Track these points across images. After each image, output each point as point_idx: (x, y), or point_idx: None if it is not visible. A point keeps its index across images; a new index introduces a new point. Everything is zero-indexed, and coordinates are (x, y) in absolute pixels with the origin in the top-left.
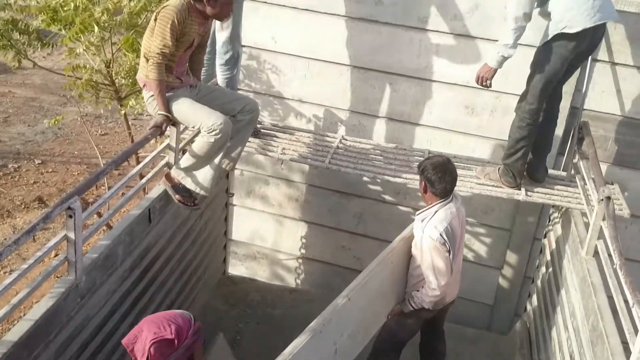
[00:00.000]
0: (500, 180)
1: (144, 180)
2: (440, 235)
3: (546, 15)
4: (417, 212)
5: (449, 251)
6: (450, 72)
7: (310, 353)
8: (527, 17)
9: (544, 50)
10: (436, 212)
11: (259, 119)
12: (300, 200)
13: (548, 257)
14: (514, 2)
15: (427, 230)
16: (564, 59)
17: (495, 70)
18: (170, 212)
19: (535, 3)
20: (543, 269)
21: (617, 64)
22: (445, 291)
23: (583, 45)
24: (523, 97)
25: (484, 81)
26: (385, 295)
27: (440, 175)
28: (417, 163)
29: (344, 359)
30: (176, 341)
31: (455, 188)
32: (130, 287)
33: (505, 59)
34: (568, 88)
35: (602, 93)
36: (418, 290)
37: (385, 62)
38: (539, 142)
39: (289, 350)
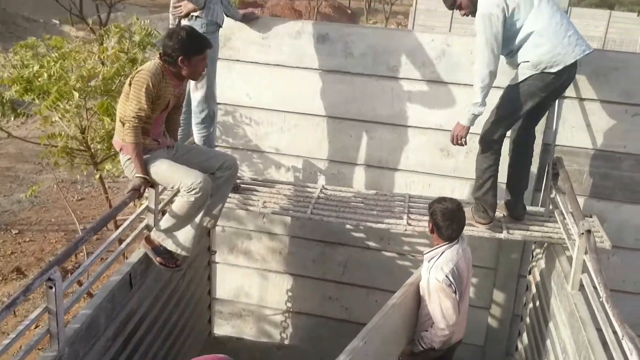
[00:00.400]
0: (474, 219)
1: (123, 245)
2: (447, 277)
3: (515, 64)
4: (425, 252)
5: (455, 292)
6: (423, 117)
7: None
8: (493, 75)
9: (517, 87)
10: (443, 252)
11: (238, 174)
12: (284, 252)
13: (535, 294)
14: (480, 61)
15: (434, 272)
16: (536, 96)
17: (469, 128)
18: (152, 275)
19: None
20: (531, 306)
21: (584, 99)
22: (453, 331)
23: (559, 82)
24: (487, 127)
25: (459, 139)
26: (398, 336)
27: (448, 223)
28: (399, 208)
29: None
30: None
31: None
32: (115, 355)
33: (476, 116)
34: (539, 126)
35: (572, 128)
36: (427, 331)
37: (360, 110)
38: (515, 180)
39: None
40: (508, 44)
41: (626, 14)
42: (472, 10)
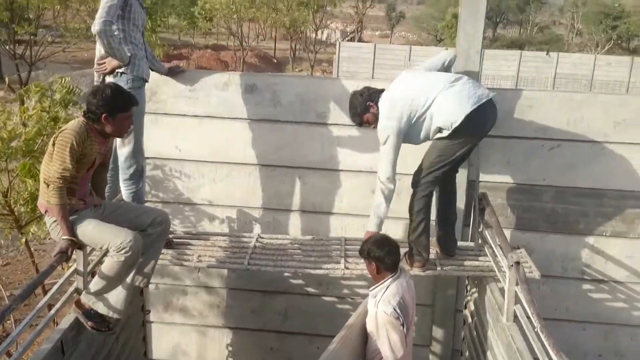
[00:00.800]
0: (411, 265)
1: (53, 311)
2: (394, 309)
3: (427, 137)
4: (370, 289)
5: (403, 325)
6: (354, 160)
7: None
8: (392, 180)
9: (442, 141)
10: (388, 287)
11: (170, 229)
12: (222, 306)
13: (472, 328)
14: (379, 168)
15: (381, 305)
16: (464, 144)
17: (379, 232)
18: (84, 340)
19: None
20: (469, 340)
21: (503, 136)
22: None
23: (475, 130)
24: (420, 171)
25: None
26: None
27: (387, 250)
28: (336, 252)
29: None
30: None
31: None
32: None
33: (382, 219)
34: (462, 164)
35: (493, 165)
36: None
37: (291, 157)
38: (444, 217)
39: None
40: (420, 132)
41: (536, 53)
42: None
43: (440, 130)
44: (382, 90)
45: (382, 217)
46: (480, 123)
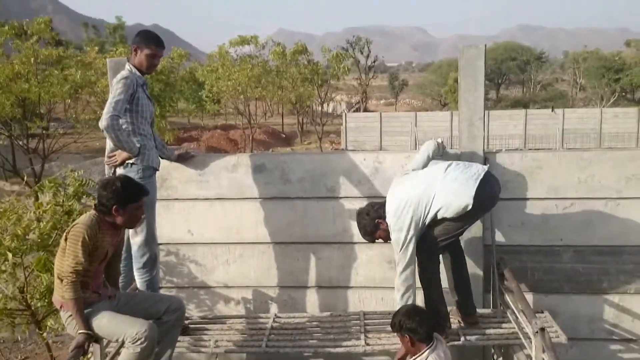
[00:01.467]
0: None
1: None
2: None
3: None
4: None
5: None
6: None
7: None
8: (410, 284)
9: (453, 221)
10: (427, 357)
11: (186, 315)
12: None
13: None
14: (397, 273)
15: None
16: (472, 219)
17: None
18: None
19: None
20: None
21: (514, 199)
22: None
23: (483, 205)
24: (425, 240)
25: None
26: None
27: (418, 320)
28: (355, 327)
29: None
30: None
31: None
32: None
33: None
34: (477, 228)
35: (508, 227)
36: None
37: (304, 233)
38: (457, 280)
39: None
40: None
41: (541, 110)
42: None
43: (451, 218)
44: (384, 202)
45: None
46: (489, 197)
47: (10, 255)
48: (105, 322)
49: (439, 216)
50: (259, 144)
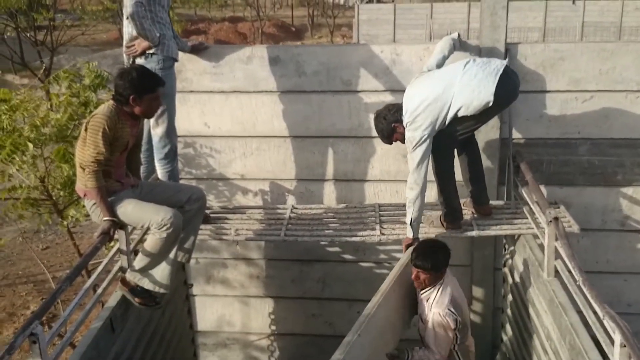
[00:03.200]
0: (444, 226)
1: (99, 291)
2: (449, 309)
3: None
4: (421, 292)
5: (457, 323)
6: None
7: None
8: (419, 185)
9: (473, 118)
10: (439, 289)
11: (207, 205)
12: (261, 276)
13: (512, 285)
14: (409, 174)
15: (435, 307)
16: (491, 114)
17: (417, 238)
18: (132, 316)
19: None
20: (510, 298)
21: (534, 91)
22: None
23: (504, 100)
24: (441, 135)
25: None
26: (392, 322)
27: (437, 257)
28: (371, 218)
29: None
30: None
31: None
32: None
33: (417, 224)
34: (494, 121)
35: (526, 121)
36: (421, 349)
37: (320, 127)
38: (472, 171)
39: None
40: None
41: (562, 2)
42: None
43: (472, 116)
44: (401, 105)
45: (414, 222)
46: (509, 92)
47: (30, 145)
48: (131, 209)
49: (459, 115)
50: (268, 37)
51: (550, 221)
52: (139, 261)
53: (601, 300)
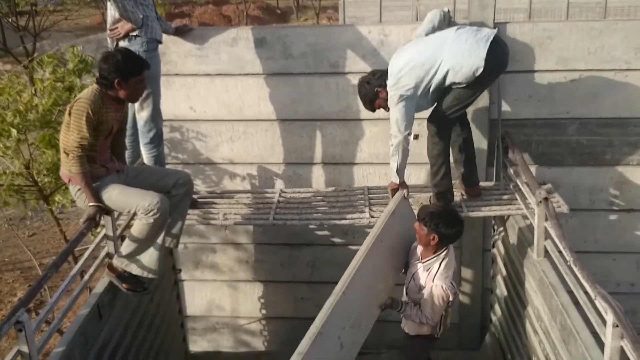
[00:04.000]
0: None
1: (87, 277)
2: (452, 284)
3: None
4: (422, 260)
5: (456, 294)
6: None
7: (316, 354)
8: (398, 136)
9: (464, 88)
10: (442, 259)
11: (194, 189)
12: (250, 261)
13: (501, 266)
14: (393, 135)
15: (438, 280)
16: (483, 85)
17: (403, 182)
18: (120, 303)
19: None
20: (499, 278)
21: (522, 71)
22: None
23: (490, 73)
24: (435, 115)
25: (394, 193)
26: (383, 274)
27: (458, 228)
28: (360, 201)
29: (351, 349)
30: None
31: None
32: None
33: (401, 170)
34: (483, 102)
35: (515, 101)
36: (415, 306)
37: (308, 110)
38: (463, 153)
39: (294, 359)
40: (433, 98)
41: None
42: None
43: (459, 84)
44: (386, 71)
45: (399, 168)
46: (499, 60)
47: (14, 131)
48: (116, 195)
49: (448, 81)
50: (253, 20)
51: (540, 202)
52: (126, 247)
53: (592, 280)
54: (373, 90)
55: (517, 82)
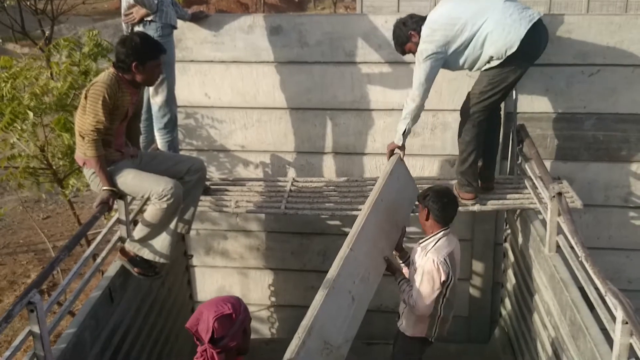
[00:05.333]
0: (459, 196)
1: (99, 260)
2: (444, 259)
3: (484, 65)
4: (420, 241)
5: (449, 277)
6: (385, 98)
7: (329, 308)
8: (416, 100)
9: (496, 69)
10: (439, 239)
11: (207, 176)
12: (261, 248)
13: (512, 260)
14: (411, 95)
15: (431, 254)
16: (519, 69)
17: (404, 145)
18: (132, 286)
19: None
20: (510, 272)
21: (540, 64)
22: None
23: (526, 55)
24: (469, 100)
25: (391, 154)
26: (385, 231)
27: (444, 202)
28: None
29: (362, 302)
30: (234, 315)
31: None
32: None
33: (407, 132)
34: None
35: (532, 95)
36: (409, 284)
37: (321, 99)
38: (487, 146)
39: (310, 313)
40: (462, 59)
41: None
42: None
43: (491, 59)
44: (426, 18)
45: (406, 132)
46: (535, 45)
47: (30, 114)
48: (131, 179)
49: (482, 49)
50: (270, 8)
51: (554, 196)
52: (139, 231)
53: (603, 276)
54: (407, 33)
55: (534, 75)
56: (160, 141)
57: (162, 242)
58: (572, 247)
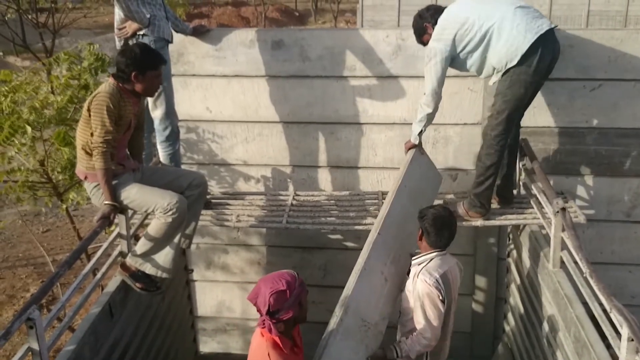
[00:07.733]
0: (468, 214)
1: (99, 275)
2: (436, 280)
3: (489, 74)
4: (414, 258)
5: (444, 300)
6: (385, 112)
7: (363, 288)
8: (429, 102)
9: (505, 80)
10: (432, 259)
11: (208, 190)
12: (262, 263)
13: (516, 276)
14: (429, 87)
15: (422, 275)
16: (527, 84)
17: (420, 142)
18: (132, 302)
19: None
20: (513, 288)
21: None
22: (436, 345)
23: (534, 68)
24: (489, 122)
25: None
26: (412, 214)
27: (438, 229)
28: (374, 206)
29: (395, 282)
30: (288, 292)
31: None
32: None
33: (423, 132)
34: None
35: (534, 109)
36: (408, 338)
37: (323, 113)
38: (507, 165)
39: (345, 294)
40: (469, 61)
41: None
42: None
43: (494, 69)
44: (444, 10)
45: (424, 131)
46: (541, 58)
47: (29, 128)
48: (135, 193)
49: (484, 54)
50: (271, 22)
51: (558, 212)
52: (142, 246)
53: (609, 292)
54: (422, 25)
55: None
56: (162, 154)
57: (164, 256)
58: (576, 263)
